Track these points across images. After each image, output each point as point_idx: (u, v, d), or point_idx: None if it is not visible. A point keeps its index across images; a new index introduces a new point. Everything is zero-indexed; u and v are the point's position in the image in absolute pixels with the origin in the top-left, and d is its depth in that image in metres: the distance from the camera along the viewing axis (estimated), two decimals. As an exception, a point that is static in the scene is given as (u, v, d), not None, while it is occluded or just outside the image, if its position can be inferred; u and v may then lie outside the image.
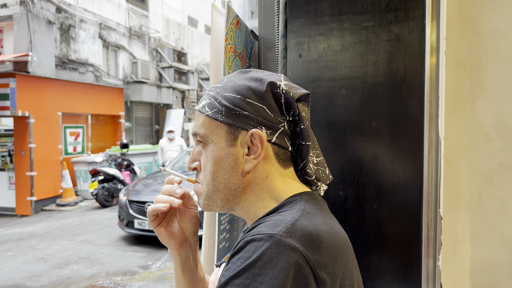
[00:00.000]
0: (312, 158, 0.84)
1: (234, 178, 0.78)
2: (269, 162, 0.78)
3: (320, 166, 0.85)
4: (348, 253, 0.74)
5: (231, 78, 0.83)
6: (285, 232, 0.64)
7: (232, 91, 0.78)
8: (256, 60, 1.74)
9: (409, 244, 1.33)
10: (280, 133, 0.78)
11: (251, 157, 0.77)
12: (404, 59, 1.32)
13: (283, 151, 0.80)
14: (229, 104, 0.77)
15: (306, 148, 0.80)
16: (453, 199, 1.31)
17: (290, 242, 0.62)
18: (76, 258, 6.29)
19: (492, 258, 1.31)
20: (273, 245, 0.62)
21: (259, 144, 0.76)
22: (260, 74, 0.81)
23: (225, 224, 1.40)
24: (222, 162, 0.78)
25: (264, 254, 0.61)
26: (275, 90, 0.78)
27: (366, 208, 1.36)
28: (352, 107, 1.36)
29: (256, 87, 0.78)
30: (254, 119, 0.76)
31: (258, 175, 0.78)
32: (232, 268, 0.63)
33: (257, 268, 0.60)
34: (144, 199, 6.77)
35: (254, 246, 0.63)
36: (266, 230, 0.65)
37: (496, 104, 1.30)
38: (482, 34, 1.31)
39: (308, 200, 0.75)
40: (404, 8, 1.32)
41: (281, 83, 0.78)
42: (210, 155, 0.79)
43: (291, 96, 0.78)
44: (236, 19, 1.43)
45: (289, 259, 0.61)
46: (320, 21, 1.39)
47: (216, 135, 0.78)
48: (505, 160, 1.30)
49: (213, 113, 0.78)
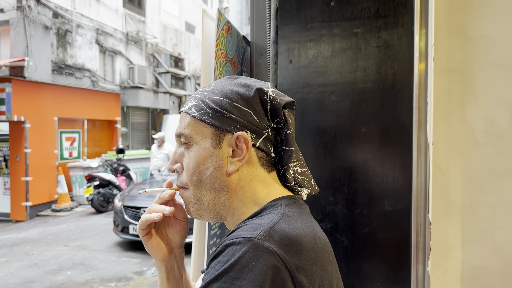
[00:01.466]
0: (296, 168, 0.85)
1: (217, 179, 0.78)
2: (253, 166, 0.79)
3: (305, 177, 0.86)
4: (327, 256, 0.74)
5: (219, 83, 0.84)
6: (263, 235, 0.64)
7: (220, 95, 0.80)
8: (248, 65, 1.74)
9: (399, 249, 1.34)
10: (264, 138, 0.80)
11: (236, 159, 0.78)
12: (393, 65, 1.33)
13: (266, 156, 0.81)
14: (217, 107, 0.78)
15: (289, 154, 0.81)
16: (443, 205, 1.31)
17: (268, 245, 0.62)
18: (71, 264, 6.25)
19: (483, 263, 1.31)
20: (251, 248, 0.62)
21: (244, 147, 0.77)
22: (248, 81, 0.82)
23: (216, 229, 1.40)
24: (206, 163, 0.78)
25: (242, 258, 0.61)
26: (262, 97, 0.79)
27: (356, 213, 1.36)
28: (342, 113, 1.37)
29: (244, 92, 0.79)
30: (240, 123, 0.78)
31: (243, 178, 0.79)
32: (211, 272, 0.63)
33: (235, 272, 0.60)
34: (140, 204, 6.74)
35: (232, 250, 0.63)
36: (244, 234, 0.65)
37: (486, 110, 1.31)
38: (472, 41, 1.32)
39: (289, 204, 0.76)
40: (393, 15, 1.33)
41: (268, 90, 0.80)
42: (193, 156, 0.79)
43: (278, 102, 0.79)
44: (228, 25, 1.44)
45: (267, 262, 0.61)
46: (310, 27, 1.40)
47: (201, 136, 0.79)
48: (496, 165, 1.31)
49: (199, 114, 0.79)
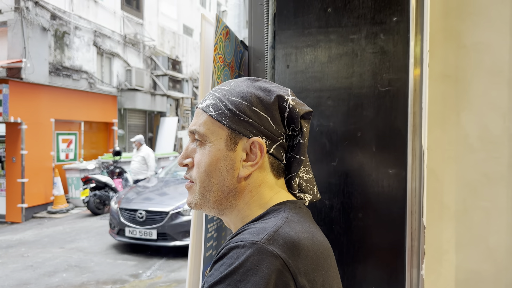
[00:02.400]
0: (302, 174, 0.86)
1: (228, 181, 0.78)
2: (264, 171, 0.80)
3: (309, 184, 0.87)
4: (329, 261, 0.75)
5: (239, 83, 0.83)
6: (267, 239, 0.65)
7: (239, 97, 0.79)
8: (246, 69, 1.76)
9: (394, 253, 1.35)
10: (278, 145, 0.80)
11: (248, 164, 0.78)
12: (389, 71, 1.35)
13: (278, 163, 0.81)
14: (235, 109, 0.78)
15: (299, 162, 0.81)
16: (438, 209, 1.32)
17: (272, 249, 0.64)
18: (66, 266, 6.22)
19: (476, 268, 1.32)
20: (255, 252, 0.63)
21: (258, 152, 0.77)
22: (269, 85, 0.82)
23: (212, 232, 1.41)
24: (219, 164, 0.78)
25: (246, 261, 0.62)
26: (281, 104, 0.79)
27: (351, 217, 1.38)
28: (338, 117, 1.39)
29: (264, 97, 0.79)
30: (257, 128, 0.78)
31: (252, 182, 0.79)
32: (214, 274, 0.64)
33: (239, 275, 0.61)
34: (136, 207, 6.72)
35: (236, 253, 0.64)
36: (249, 237, 0.66)
37: (480, 116, 1.33)
38: (466, 48, 1.34)
39: (292, 208, 0.77)
40: (389, 21, 1.35)
41: (288, 97, 0.80)
42: (207, 155, 0.79)
43: (297, 111, 0.79)
44: (226, 29, 1.45)
45: (271, 266, 0.62)
46: (307, 33, 1.42)
47: (216, 136, 0.79)
48: (490, 171, 1.33)
49: (217, 114, 0.79)
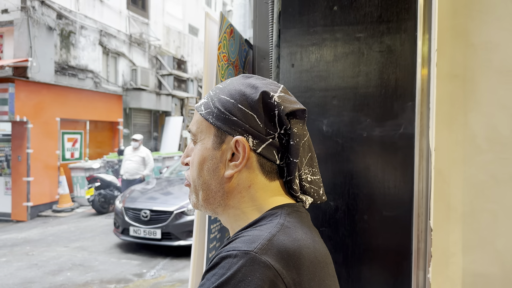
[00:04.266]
0: (306, 175, 0.81)
1: (214, 181, 0.77)
2: (253, 172, 0.77)
3: (313, 185, 0.82)
4: (326, 269, 0.72)
5: (233, 81, 0.81)
6: (260, 248, 0.62)
7: (227, 95, 0.78)
8: (250, 69, 1.74)
9: (400, 255, 1.33)
10: (267, 144, 0.75)
11: (233, 164, 0.76)
12: (395, 70, 1.32)
13: (269, 163, 0.77)
14: (221, 107, 0.77)
15: (293, 165, 0.77)
16: (445, 211, 1.30)
17: (265, 260, 0.61)
18: (71, 265, 6.24)
19: (484, 271, 1.30)
20: (248, 262, 0.60)
21: (242, 152, 0.75)
22: (257, 82, 0.79)
23: (215, 232, 1.39)
24: (206, 163, 0.78)
25: (238, 272, 0.59)
26: (267, 101, 0.75)
27: (356, 219, 1.36)
28: (344, 117, 1.36)
29: (250, 94, 0.76)
30: (242, 126, 0.75)
31: (241, 183, 0.77)
32: (206, 284, 0.61)
33: (231, 286, 0.59)
34: (140, 206, 6.73)
35: (228, 263, 0.61)
36: (241, 246, 0.63)
37: (488, 116, 1.30)
38: (475, 47, 1.31)
39: (289, 213, 0.74)
40: (396, 20, 1.33)
41: (275, 94, 0.76)
42: (197, 153, 0.79)
43: (281, 109, 0.75)
44: (230, 28, 1.43)
45: (264, 277, 0.59)
46: (313, 31, 1.39)
47: (205, 135, 0.78)
48: (498, 172, 1.30)
49: (206, 113, 0.79)
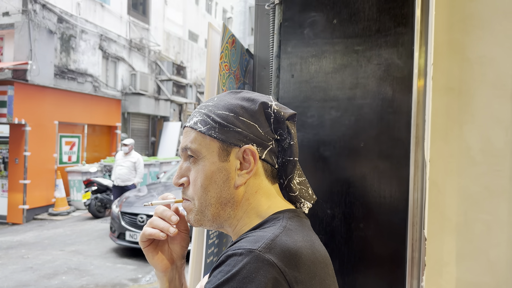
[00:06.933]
0: (295, 178, 0.87)
1: (225, 192, 0.80)
2: (259, 177, 0.82)
3: (303, 186, 0.89)
4: (327, 270, 0.76)
5: (222, 97, 0.86)
6: (264, 247, 0.66)
7: (225, 109, 0.82)
8: (251, 77, 1.77)
9: (394, 264, 1.35)
10: (269, 150, 0.82)
11: (244, 172, 0.80)
12: (392, 83, 1.36)
13: (271, 168, 0.83)
14: (222, 121, 0.80)
15: (293, 164, 0.84)
16: (439, 221, 1.33)
17: (268, 258, 0.65)
18: (66, 268, 6.22)
19: (477, 280, 1.32)
20: (252, 260, 0.64)
21: (251, 160, 0.79)
22: (251, 95, 0.85)
23: (214, 238, 1.42)
24: (215, 177, 0.80)
25: (243, 269, 0.63)
26: (266, 110, 0.82)
27: (352, 227, 1.38)
28: (341, 128, 1.40)
29: (248, 106, 0.82)
30: (246, 136, 0.80)
31: (249, 190, 0.81)
32: (213, 281, 0.65)
33: (236, 282, 0.62)
34: (137, 211, 6.72)
35: (234, 261, 0.65)
36: (246, 245, 0.67)
37: (483, 129, 1.33)
38: (470, 61, 1.35)
39: (291, 217, 0.78)
40: (394, 34, 1.37)
41: (272, 103, 0.83)
42: (201, 170, 0.81)
43: (281, 115, 0.82)
44: (232, 38, 1.47)
45: (267, 274, 0.63)
46: (312, 43, 1.43)
47: (209, 150, 0.80)
48: (491, 184, 1.33)
49: (206, 129, 0.81)
